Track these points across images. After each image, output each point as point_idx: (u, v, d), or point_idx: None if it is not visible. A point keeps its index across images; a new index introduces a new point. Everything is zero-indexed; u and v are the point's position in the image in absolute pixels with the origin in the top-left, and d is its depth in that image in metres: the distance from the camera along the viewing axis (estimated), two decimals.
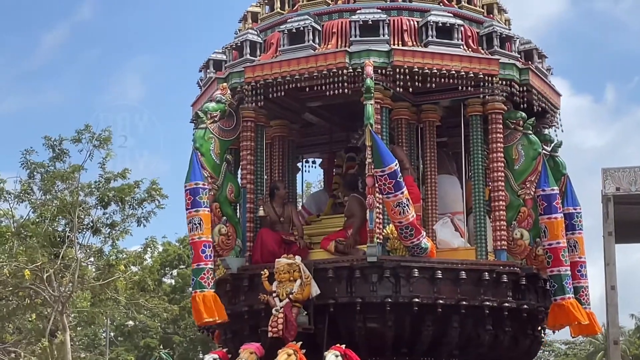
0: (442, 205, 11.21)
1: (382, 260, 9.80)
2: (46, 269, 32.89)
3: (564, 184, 11.05)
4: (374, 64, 10.02)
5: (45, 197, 34.28)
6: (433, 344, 10.10)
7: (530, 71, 10.84)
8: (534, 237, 10.62)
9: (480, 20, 10.98)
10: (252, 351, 9.64)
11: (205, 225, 10.28)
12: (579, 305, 10.55)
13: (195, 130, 10.77)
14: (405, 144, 10.93)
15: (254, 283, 10.15)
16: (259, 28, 11.24)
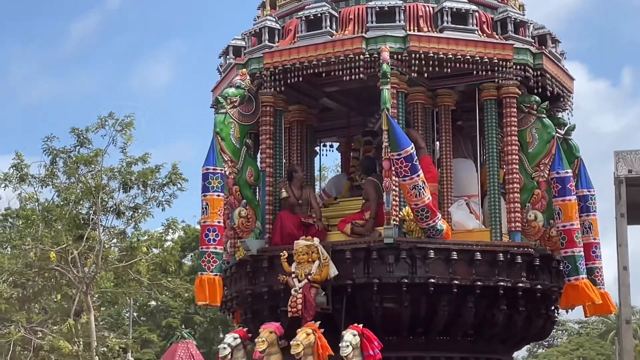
0: (458, 188, 11.19)
1: (399, 241, 9.83)
2: (71, 251, 33.09)
3: (578, 166, 11.03)
4: (390, 50, 10.03)
5: (70, 181, 34.44)
6: (448, 324, 10.12)
7: (544, 56, 10.82)
8: (547, 218, 10.62)
9: (494, 6, 10.96)
10: (272, 330, 9.70)
11: (211, 209, 10.40)
12: (592, 286, 10.56)
13: (216, 115, 10.81)
14: (421, 128, 10.92)
15: (274, 264, 10.20)
16: (277, 15, 11.26)
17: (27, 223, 35.33)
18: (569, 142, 11.11)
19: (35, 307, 36.03)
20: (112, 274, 35.98)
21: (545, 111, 10.85)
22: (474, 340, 10.44)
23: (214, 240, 10.44)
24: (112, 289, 37.16)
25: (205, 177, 10.46)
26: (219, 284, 10.52)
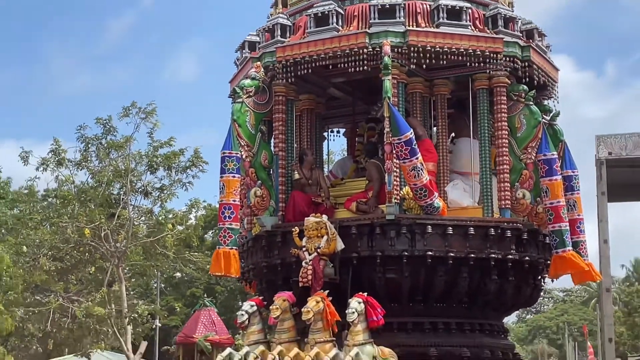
0: (457, 165, 11.34)
1: (399, 218, 9.85)
2: (103, 228, 33.24)
3: (562, 149, 11.03)
4: (391, 44, 10.02)
5: (102, 164, 34.55)
6: (444, 293, 10.15)
7: (531, 48, 10.80)
8: (534, 197, 10.63)
9: (486, 3, 10.93)
10: (285, 299, 9.73)
11: (228, 189, 10.48)
12: (578, 256, 10.64)
13: (233, 104, 10.83)
14: (419, 114, 10.94)
15: (286, 239, 10.22)
16: (289, 12, 11.24)
17: (64, 203, 35.50)
18: (554, 127, 11.10)
19: (72, 279, 36.14)
20: (141, 248, 36.11)
21: (532, 99, 10.83)
22: (468, 307, 10.46)
23: (229, 217, 10.50)
24: (141, 262, 37.30)
25: (222, 160, 10.52)
26: (234, 256, 10.57)
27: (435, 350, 10.08)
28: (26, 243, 36.03)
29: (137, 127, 33.82)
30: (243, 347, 10.14)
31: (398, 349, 9.43)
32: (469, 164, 11.14)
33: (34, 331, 37.00)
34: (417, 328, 10.18)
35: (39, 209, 38.72)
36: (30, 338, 37.86)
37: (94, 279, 36.18)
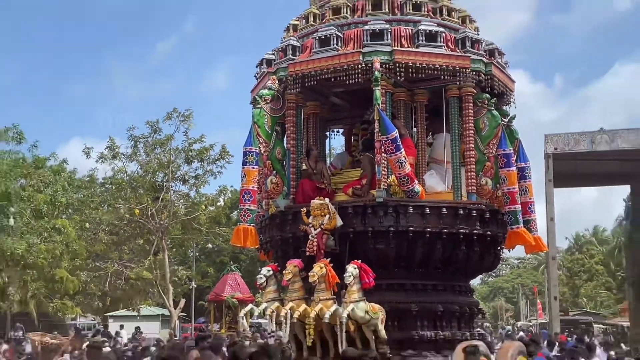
0: (434, 159, 11.30)
1: (387, 200, 9.84)
2: (150, 208, 33.38)
3: (517, 145, 11.02)
4: (380, 61, 9.99)
5: (148, 158, 34.62)
6: (423, 260, 10.15)
7: (493, 65, 10.78)
8: (495, 183, 10.63)
9: (456, 28, 10.87)
10: (295, 265, 9.73)
11: (247, 178, 10.47)
12: (528, 232, 10.73)
13: (254, 109, 10.82)
14: (402, 118, 10.91)
15: (296, 217, 10.20)
16: (298, 35, 11.20)
17: (118, 188, 35.64)
18: (511, 127, 11.11)
19: (125, 249, 36.24)
20: (180, 225, 36.26)
21: (494, 105, 10.83)
22: (441, 272, 10.44)
23: (248, 200, 10.52)
24: (180, 235, 37.43)
25: (244, 154, 10.54)
26: (251, 232, 10.61)
27: (415, 306, 10.09)
28: (88, 221, 36.15)
29: (177, 128, 33.99)
30: (262, 303, 10.15)
31: (386, 305, 9.44)
32: (443, 155, 11.14)
33: (95, 290, 37.15)
34: (401, 288, 10.19)
35: (98, 193, 38.87)
36: (92, 296, 38.01)
37: (142, 249, 36.26)
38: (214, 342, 12.88)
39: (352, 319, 9.10)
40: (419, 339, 10.04)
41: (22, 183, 30.17)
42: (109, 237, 35.69)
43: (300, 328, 9.66)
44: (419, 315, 10.15)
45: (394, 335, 9.56)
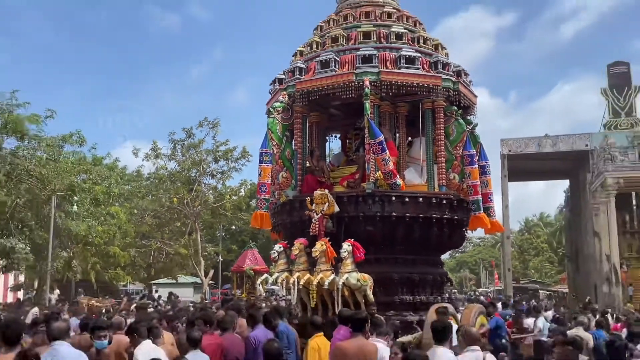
0: (412, 158, 11.23)
1: (375, 191, 9.82)
2: (185, 198, 33.36)
3: (479, 148, 10.97)
4: (370, 80, 9.98)
5: (184, 157, 34.76)
6: (403, 239, 10.10)
7: (460, 83, 10.73)
8: (461, 178, 10.58)
9: (430, 53, 10.82)
10: (301, 243, 9.74)
11: (263, 174, 10.51)
12: (487, 217, 10.75)
13: (268, 118, 10.81)
14: (387, 125, 10.86)
15: (302, 205, 10.16)
16: (304, 59, 11.17)
17: (160, 182, 35.80)
18: (474, 133, 11.04)
19: (165, 230, 36.32)
20: (209, 211, 36.32)
21: (460, 115, 10.79)
22: (418, 248, 10.39)
23: (264, 191, 10.56)
24: (209, 219, 37.43)
25: (260, 154, 10.55)
26: (266, 216, 10.72)
27: (397, 275, 10.08)
28: (136, 207, 36.31)
29: (207, 133, 34.15)
30: (274, 273, 10.17)
31: (373, 274, 9.42)
32: (419, 155, 11.12)
33: (141, 263, 37.31)
34: (386, 262, 10.16)
35: (144, 186, 39.05)
36: (139, 267, 38.13)
37: (179, 230, 36.35)
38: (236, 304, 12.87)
39: (346, 286, 9.11)
40: (400, 302, 10.05)
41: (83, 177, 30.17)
42: (152, 220, 35.80)
43: (305, 293, 9.68)
44: (399, 283, 10.14)
45: (380, 299, 9.55)
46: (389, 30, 10.84)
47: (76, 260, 30.26)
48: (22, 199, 26.42)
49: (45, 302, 26.97)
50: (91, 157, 33.52)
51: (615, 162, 31.01)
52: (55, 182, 26.37)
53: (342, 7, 11.76)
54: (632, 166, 30.91)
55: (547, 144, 38.22)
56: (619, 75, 39.11)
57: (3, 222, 25.82)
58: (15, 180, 26.02)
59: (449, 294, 12.54)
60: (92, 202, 30.19)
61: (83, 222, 28.55)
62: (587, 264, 39.33)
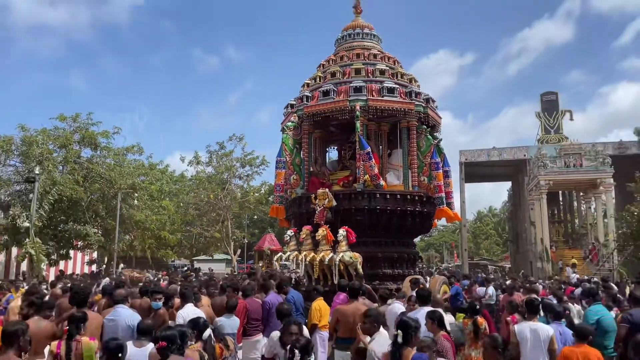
0: (392, 164, 11.15)
1: (364, 190, 9.81)
2: (219, 194, 33.26)
3: (443, 157, 10.96)
4: (360, 105, 9.99)
5: (218, 164, 34.75)
6: (385, 226, 10.10)
7: (428, 108, 10.75)
8: (429, 180, 10.59)
9: (406, 85, 10.81)
10: (308, 229, 9.74)
11: (278, 177, 10.64)
12: (449, 210, 10.72)
13: (283, 134, 10.82)
14: (373, 140, 10.85)
15: (308, 200, 10.17)
16: (310, 89, 11.17)
17: (200, 182, 35.71)
18: (439, 146, 11.04)
19: (204, 219, 36.24)
20: (237, 204, 36.23)
21: (428, 132, 10.80)
22: (396, 233, 10.39)
23: (279, 190, 10.70)
24: (238, 211, 37.37)
25: (276, 162, 10.61)
26: (281, 209, 10.86)
27: (380, 254, 10.09)
28: (181, 201, 36.22)
29: (235, 146, 34.13)
30: (287, 252, 10.16)
31: (362, 253, 9.42)
32: (397, 165, 11.09)
33: (186, 244, 37.18)
34: (372, 243, 10.12)
35: (188, 185, 38.98)
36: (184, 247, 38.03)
37: (214, 219, 36.22)
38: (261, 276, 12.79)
39: (342, 262, 9.12)
40: (382, 275, 10.05)
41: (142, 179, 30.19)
42: (194, 211, 35.74)
43: (310, 267, 9.67)
44: (382, 260, 10.15)
45: (367, 272, 9.55)
46: (374, 68, 10.83)
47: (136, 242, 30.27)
48: (95, 195, 26.50)
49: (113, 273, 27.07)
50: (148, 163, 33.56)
51: (546, 168, 30.94)
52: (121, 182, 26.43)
53: (339, 50, 11.74)
54: (559, 171, 30.84)
55: (494, 154, 38.18)
56: (549, 101, 39.10)
57: (81, 212, 25.85)
58: (90, 181, 26.11)
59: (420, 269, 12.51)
60: (148, 198, 30.25)
61: (142, 212, 28.61)
62: (525, 246, 39.30)
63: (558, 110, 38.82)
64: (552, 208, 36.15)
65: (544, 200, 31.35)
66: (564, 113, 38.91)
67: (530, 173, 34.38)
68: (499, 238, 69.04)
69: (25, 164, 24.24)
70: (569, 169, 30.65)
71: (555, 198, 38.29)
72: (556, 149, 32.77)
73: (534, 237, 34.00)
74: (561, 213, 39.24)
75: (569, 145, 32.06)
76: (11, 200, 24.43)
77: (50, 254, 24.82)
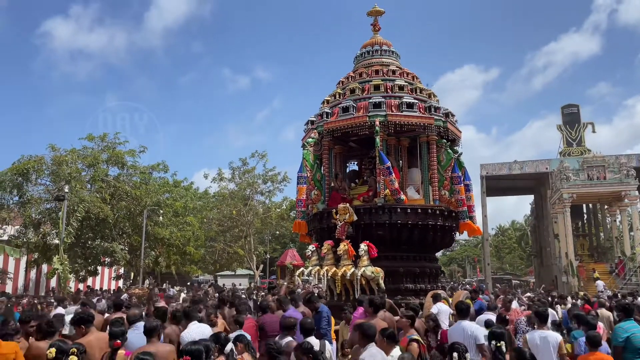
0: (412, 179, 11.07)
1: (384, 204, 9.76)
2: (241, 210, 33.41)
3: (464, 171, 10.85)
4: (379, 120, 9.98)
5: (240, 180, 34.97)
6: (406, 240, 10.01)
7: (448, 122, 10.67)
8: (450, 193, 10.47)
9: (425, 100, 10.79)
10: (329, 244, 9.70)
11: (299, 192, 10.60)
12: (472, 223, 10.59)
13: (304, 150, 10.85)
14: (392, 154, 10.83)
15: (329, 215, 10.16)
16: (329, 106, 11.22)
17: (223, 198, 35.95)
18: (459, 159, 10.95)
19: (227, 234, 36.46)
20: (259, 220, 36.33)
21: (448, 146, 10.71)
22: (418, 248, 10.29)
23: (300, 205, 10.67)
24: (260, 226, 37.46)
25: (297, 178, 10.61)
26: (303, 224, 10.79)
27: (402, 269, 9.99)
28: (205, 217, 36.48)
29: (257, 162, 34.38)
30: (308, 267, 10.12)
31: (384, 268, 9.34)
32: (417, 180, 11.01)
33: (209, 259, 37.38)
34: (393, 258, 10.05)
35: (212, 201, 39.29)
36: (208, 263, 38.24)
37: (237, 235, 36.45)
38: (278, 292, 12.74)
39: (363, 277, 9.05)
40: (404, 289, 9.92)
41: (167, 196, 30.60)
42: (217, 227, 36.02)
43: (332, 282, 9.63)
44: (404, 274, 10.04)
45: (389, 287, 9.45)
46: (393, 83, 10.84)
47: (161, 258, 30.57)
48: (122, 213, 26.91)
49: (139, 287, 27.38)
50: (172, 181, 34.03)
51: (569, 181, 30.34)
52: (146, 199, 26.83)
53: (358, 67, 11.79)
54: (582, 184, 30.19)
55: (516, 167, 37.63)
56: (570, 114, 38.53)
57: (108, 230, 26.27)
58: (117, 199, 26.55)
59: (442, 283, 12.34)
60: (173, 214, 30.58)
61: (166, 229, 28.91)
62: (549, 260, 38.41)
63: (579, 122, 38.19)
64: (576, 221, 35.37)
65: (568, 214, 30.68)
66: (585, 125, 38.25)
67: (553, 186, 33.75)
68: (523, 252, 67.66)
69: (55, 183, 24.83)
70: (592, 182, 29.99)
71: (580, 211, 37.46)
72: (579, 161, 32.14)
73: (558, 250, 33.23)
74: (585, 226, 38.34)
75: (592, 158, 31.40)
76: (42, 218, 24.99)
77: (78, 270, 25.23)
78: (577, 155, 35.64)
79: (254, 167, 35.00)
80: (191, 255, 32.01)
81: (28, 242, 24.56)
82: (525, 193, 48.94)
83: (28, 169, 24.19)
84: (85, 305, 7.63)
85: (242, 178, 35.23)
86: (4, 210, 24.47)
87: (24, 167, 24.10)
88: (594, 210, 39.42)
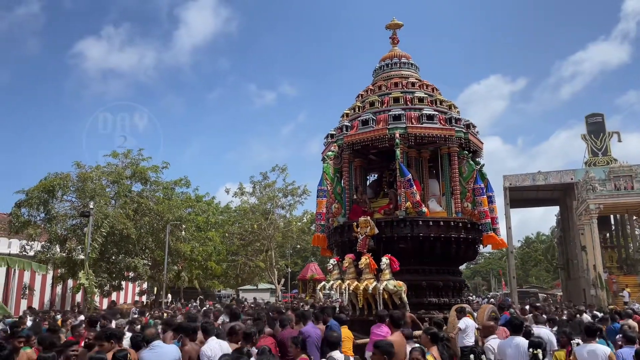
0: (433, 191, 10.96)
1: (405, 217, 9.64)
2: (262, 224, 33.49)
3: (486, 182, 10.64)
4: (399, 133, 9.92)
5: (261, 194, 35.11)
6: (429, 253, 9.85)
7: (469, 133, 10.54)
8: (472, 206, 10.30)
9: (445, 112, 10.70)
10: (350, 257, 9.64)
11: (319, 205, 10.49)
12: (495, 236, 10.30)
13: (324, 164, 10.83)
14: (413, 167, 10.74)
15: (350, 228, 10.08)
16: (349, 119, 11.22)
17: (244, 213, 36.09)
18: (481, 171, 10.75)
19: (248, 249, 36.56)
20: (280, 234, 36.33)
21: (470, 157, 10.57)
22: (441, 261, 10.11)
23: (320, 219, 10.56)
24: (281, 240, 37.46)
25: (318, 191, 10.57)
26: (323, 237, 10.70)
27: (424, 282, 9.82)
28: (227, 232, 36.68)
29: (278, 176, 34.52)
30: (330, 281, 10.04)
31: (406, 281, 9.20)
32: (436, 191, 10.88)
33: (231, 274, 37.49)
34: (416, 271, 9.89)
35: (233, 216, 39.51)
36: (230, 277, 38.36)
37: (258, 249, 36.52)
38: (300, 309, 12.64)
39: (385, 291, 8.93)
40: (428, 303, 9.76)
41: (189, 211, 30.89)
42: (239, 242, 36.15)
43: (354, 296, 9.53)
44: (427, 288, 9.88)
45: (412, 301, 9.30)
46: (413, 96, 10.79)
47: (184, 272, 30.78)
48: (144, 228, 27.24)
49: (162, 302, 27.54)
50: (194, 196, 34.38)
51: (595, 191, 29.67)
52: (169, 215, 27.12)
53: (377, 80, 11.79)
54: (609, 194, 29.50)
55: (540, 178, 36.99)
56: (595, 123, 37.85)
57: (131, 245, 26.58)
58: (140, 215, 26.90)
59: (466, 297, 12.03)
60: (195, 229, 30.83)
61: (189, 244, 29.14)
62: (576, 272, 37.45)
63: (604, 132, 37.45)
64: (603, 232, 34.48)
65: (595, 225, 29.93)
66: (611, 135, 37.48)
67: (579, 197, 33.02)
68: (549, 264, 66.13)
69: (81, 199, 25.30)
70: (620, 192, 29.27)
71: (607, 222, 36.51)
72: (605, 171, 31.44)
73: (585, 263, 32.38)
74: (614, 238, 37.33)
75: (618, 167, 30.68)
76: (67, 234, 25.44)
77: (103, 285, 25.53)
78: (603, 165, 34.88)
79: (274, 181, 35.18)
80: (213, 269, 32.15)
81: (54, 258, 25.01)
82: (550, 204, 48.00)
83: (54, 186, 24.74)
84: (132, 323, 7.67)
85: (263, 192, 35.42)
86: (31, 226, 24.99)
87: (50, 184, 24.65)
88: (621, 221, 38.41)
